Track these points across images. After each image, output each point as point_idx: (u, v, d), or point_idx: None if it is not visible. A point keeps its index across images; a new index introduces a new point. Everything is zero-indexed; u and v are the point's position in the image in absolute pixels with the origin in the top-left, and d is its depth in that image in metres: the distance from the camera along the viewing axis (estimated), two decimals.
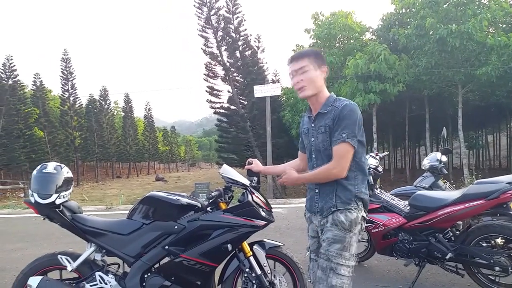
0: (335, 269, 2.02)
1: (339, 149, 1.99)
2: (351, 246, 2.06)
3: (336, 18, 22.76)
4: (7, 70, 37.69)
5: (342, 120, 2.00)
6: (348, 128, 1.99)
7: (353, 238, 2.07)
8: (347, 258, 2.04)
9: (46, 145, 40.94)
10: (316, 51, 2.19)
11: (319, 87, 2.14)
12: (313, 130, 2.17)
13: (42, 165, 2.68)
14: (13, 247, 5.65)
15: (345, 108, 2.02)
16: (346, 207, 2.05)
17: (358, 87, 19.55)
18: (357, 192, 2.07)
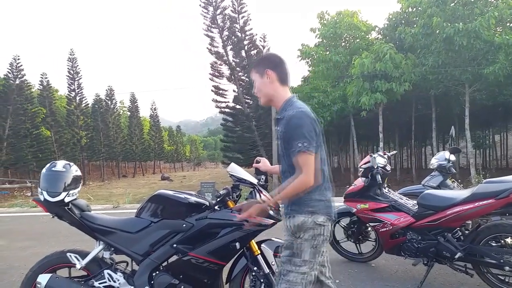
0: (285, 275, 2.02)
1: (299, 160, 1.94)
2: (302, 252, 2.00)
3: (342, 17, 22.71)
4: (15, 70, 38.00)
5: (293, 130, 1.97)
6: (301, 137, 1.94)
7: (303, 244, 2.00)
8: (297, 265, 2.00)
9: (53, 145, 41.22)
10: (258, 59, 2.24)
11: (268, 94, 2.15)
12: (276, 133, 2.21)
13: (51, 163, 2.70)
14: (21, 245, 5.69)
15: (293, 118, 1.99)
16: (296, 213, 2.02)
17: (364, 86, 19.49)
18: (306, 199, 2.01)
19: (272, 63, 2.14)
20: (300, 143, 1.92)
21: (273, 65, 2.13)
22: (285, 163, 2.10)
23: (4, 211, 10.06)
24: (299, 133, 1.94)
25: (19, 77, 38.35)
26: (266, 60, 2.19)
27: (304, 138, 1.93)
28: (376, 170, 3.71)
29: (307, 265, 2.01)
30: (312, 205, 2.01)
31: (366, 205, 3.80)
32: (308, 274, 2.01)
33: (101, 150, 50.29)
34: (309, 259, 2.01)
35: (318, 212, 2.02)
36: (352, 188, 4.02)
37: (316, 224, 2.01)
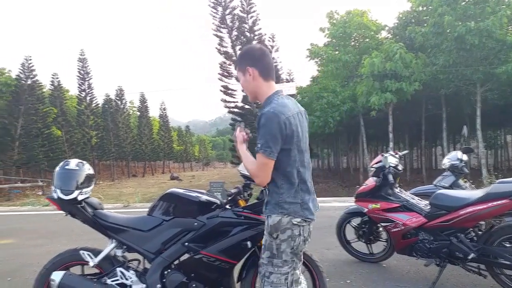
0: (267, 277, 2.01)
1: (257, 159, 1.93)
2: (281, 253, 1.98)
3: (351, 17, 22.62)
4: (26, 70, 38.41)
5: (259, 129, 1.93)
6: (263, 138, 1.89)
7: (282, 244, 1.98)
8: (278, 266, 1.99)
9: (64, 144, 41.63)
10: (239, 56, 2.15)
11: (252, 91, 2.09)
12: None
13: (64, 161, 2.72)
14: (34, 243, 5.76)
15: (262, 117, 1.93)
16: (270, 213, 2.01)
17: (374, 86, 19.39)
18: (280, 201, 1.98)
19: (252, 59, 2.05)
20: (260, 143, 1.90)
21: (253, 61, 2.04)
22: None
23: (17, 209, 10.19)
24: (261, 133, 1.91)
25: (31, 78, 38.75)
26: (246, 56, 2.08)
27: (264, 139, 1.89)
28: (387, 170, 3.69)
29: (288, 265, 2.00)
30: (285, 207, 1.98)
31: (378, 205, 3.77)
32: (290, 274, 2.02)
33: (111, 149, 50.65)
34: (290, 259, 2.00)
35: (292, 214, 1.98)
36: (363, 188, 4.00)
37: (293, 224, 1.98)
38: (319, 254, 4.35)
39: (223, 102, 32.47)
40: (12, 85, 37.73)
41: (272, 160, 1.90)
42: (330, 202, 8.57)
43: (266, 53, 2.09)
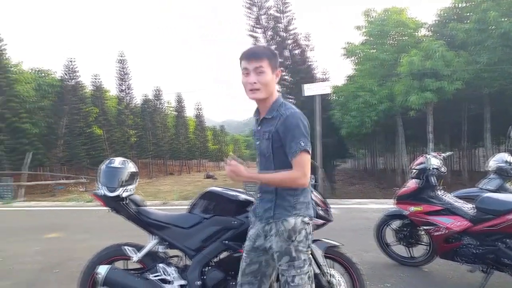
0: (291, 282, 2.02)
1: (301, 159, 1.91)
2: (299, 253, 2.01)
3: (389, 15, 22.10)
4: (70, 71, 40.12)
5: (294, 129, 1.93)
6: (302, 136, 1.93)
7: (299, 246, 2.01)
8: (300, 267, 2.02)
9: (104, 143, 43.19)
10: (274, 52, 2.09)
11: (271, 91, 2.05)
12: (258, 133, 2.10)
13: (109, 160, 2.82)
14: (78, 238, 6.01)
15: (293, 117, 1.97)
16: (283, 217, 2.01)
17: (413, 85, 18.84)
18: (295, 202, 2.02)
19: (278, 64, 2.09)
20: (303, 142, 1.91)
21: (279, 65, 2.10)
22: (269, 164, 2.05)
23: (61, 205, 10.66)
24: (299, 132, 1.93)
25: (74, 79, 40.41)
26: (278, 58, 2.10)
27: (305, 137, 1.93)
28: (430, 172, 3.58)
29: (307, 263, 2.05)
30: (299, 208, 2.03)
31: (419, 207, 3.67)
32: (310, 271, 2.07)
33: (149, 148, 52.03)
34: (307, 258, 2.05)
35: (302, 214, 2.03)
36: (405, 190, 3.90)
37: (304, 223, 2.04)
38: (357, 257, 4.26)
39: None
40: (56, 86, 39.51)
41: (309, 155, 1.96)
42: (367, 204, 8.41)
43: None
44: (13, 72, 35.53)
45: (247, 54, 1.99)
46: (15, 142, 30.27)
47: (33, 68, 40.77)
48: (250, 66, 1.96)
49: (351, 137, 30.18)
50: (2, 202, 12.19)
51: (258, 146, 2.12)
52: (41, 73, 40.61)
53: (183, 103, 64.86)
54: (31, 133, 33.33)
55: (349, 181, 37.80)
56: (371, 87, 22.66)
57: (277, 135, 1.98)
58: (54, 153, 37.21)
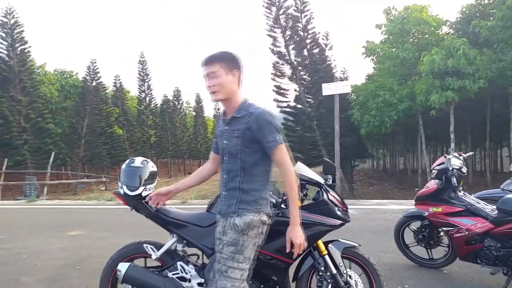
0: (225, 272, 2.09)
1: (279, 154, 2.08)
2: (245, 249, 2.09)
3: (410, 13, 21.76)
4: (91, 72, 40.94)
5: (267, 126, 2.05)
6: (275, 131, 2.06)
7: (248, 241, 2.10)
8: (239, 261, 2.08)
9: (125, 142, 43.91)
10: (229, 55, 2.16)
11: (230, 91, 2.15)
12: (227, 133, 2.17)
13: (130, 159, 2.87)
14: (99, 235, 6.14)
15: (265, 114, 2.07)
16: (246, 212, 2.10)
17: (434, 84, 18.48)
18: (258, 197, 2.13)
19: (239, 65, 2.17)
20: (278, 137, 2.05)
21: (239, 66, 2.18)
22: (236, 162, 2.13)
23: (83, 203, 10.90)
24: (272, 128, 2.05)
25: (96, 79, 41.21)
26: (236, 60, 2.17)
27: (278, 132, 2.07)
28: (451, 172, 3.52)
29: (247, 262, 2.10)
30: (260, 203, 2.14)
31: (439, 208, 3.62)
32: (246, 271, 2.10)
33: (168, 148, 52.64)
34: (249, 256, 2.10)
35: (263, 211, 2.15)
36: (424, 191, 3.85)
37: (261, 222, 2.13)
38: (376, 258, 4.24)
39: (275, 102, 32.52)
40: (79, 86, 40.44)
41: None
42: (386, 205, 8.32)
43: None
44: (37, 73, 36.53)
45: (202, 62, 2.16)
46: (39, 142, 31.08)
47: (56, 70, 41.85)
48: (205, 72, 2.13)
49: (371, 137, 29.85)
50: (27, 200, 12.56)
51: (225, 146, 2.18)
52: (64, 74, 41.62)
53: (201, 103, 65.43)
54: (54, 133, 34.20)
55: (368, 181, 37.39)
56: (391, 86, 22.35)
57: (248, 132, 2.07)
58: (76, 152, 38.09)
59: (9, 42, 32.15)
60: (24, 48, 33.17)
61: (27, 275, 4.24)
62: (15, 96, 30.30)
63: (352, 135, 26.93)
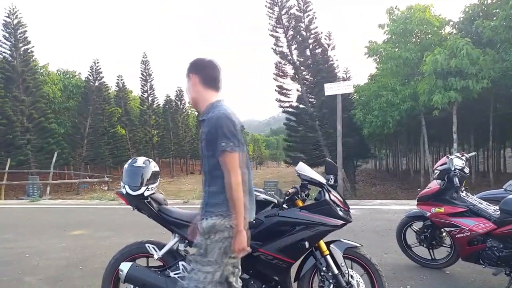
0: (190, 272, 2.15)
1: (224, 160, 2.00)
2: (209, 252, 2.06)
3: (412, 12, 21.68)
4: (94, 72, 41.02)
5: (217, 130, 2.00)
6: (225, 137, 1.98)
7: (212, 245, 2.05)
8: (202, 264, 2.07)
9: (127, 142, 43.98)
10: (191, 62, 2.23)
11: (192, 96, 2.22)
12: (200, 135, 2.18)
13: (132, 159, 2.88)
14: (102, 235, 6.16)
15: (216, 118, 2.03)
16: (209, 215, 2.07)
17: (437, 84, 18.41)
18: (222, 200, 2.06)
19: (197, 67, 2.20)
20: (224, 143, 1.97)
21: (197, 69, 2.20)
22: (206, 165, 2.13)
23: (86, 203, 10.93)
24: (222, 133, 1.99)
25: (98, 79, 41.27)
26: (192, 64, 2.22)
27: (226, 138, 1.98)
28: (453, 172, 3.52)
29: (212, 265, 2.06)
30: (224, 209, 2.06)
31: (442, 209, 3.61)
32: (211, 274, 2.05)
33: (171, 148, 52.68)
34: (214, 260, 2.06)
35: (227, 215, 2.05)
36: (426, 191, 3.84)
37: (226, 227, 2.05)
38: (378, 258, 4.24)
39: (277, 102, 32.52)
40: (81, 86, 40.51)
41: (237, 153, 2.01)
42: (389, 205, 8.31)
43: (212, 65, 2.21)
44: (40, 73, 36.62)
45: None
46: (42, 142, 31.15)
47: (59, 70, 41.95)
48: None
49: (373, 137, 29.80)
50: (30, 199, 12.61)
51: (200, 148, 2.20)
52: (67, 75, 41.72)
53: None
54: (57, 133, 34.27)
55: (370, 181, 37.35)
56: (394, 86, 22.28)
57: (206, 136, 2.07)
58: (79, 152, 38.15)
59: (12, 42, 32.22)
60: (27, 48, 33.23)
61: (30, 274, 4.26)
62: (18, 96, 30.36)
63: (354, 135, 26.89)
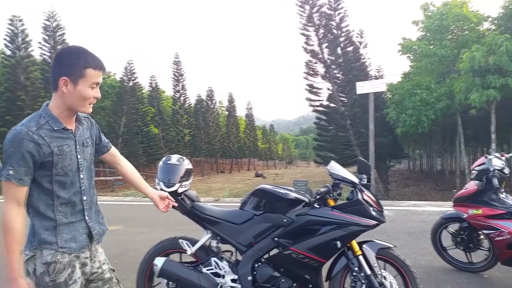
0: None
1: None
2: None
3: (449, 8, 21.05)
4: (128, 73, 42.18)
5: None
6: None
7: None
8: None
9: (160, 141, 45.02)
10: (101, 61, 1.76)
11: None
12: (79, 144, 1.77)
13: (167, 157, 2.95)
14: (135, 231, 6.33)
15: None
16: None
17: (474, 82, 17.79)
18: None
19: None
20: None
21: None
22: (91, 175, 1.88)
23: (120, 199, 11.24)
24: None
25: (132, 80, 42.44)
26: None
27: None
28: (492, 173, 3.39)
29: None
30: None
31: (480, 210, 3.49)
32: None
33: (202, 147, 53.46)
34: None
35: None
36: (463, 192, 3.72)
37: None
38: (411, 260, 4.15)
39: (307, 101, 32.33)
40: (116, 86, 41.74)
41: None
42: (423, 207, 8.09)
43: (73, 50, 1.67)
44: None
45: (99, 65, 1.68)
46: None
47: None
48: (100, 80, 1.69)
49: (407, 137, 29.10)
50: None
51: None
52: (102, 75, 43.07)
53: (234, 103, 66.04)
54: None
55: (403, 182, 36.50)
56: (428, 85, 21.69)
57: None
58: None
59: (52, 44, 33.61)
60: None
61: None
62: None
63: (387, 134, 26.35)
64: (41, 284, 1.64)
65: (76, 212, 1.74)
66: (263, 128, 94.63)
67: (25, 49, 32.69)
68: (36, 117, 1.65)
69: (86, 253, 1.78)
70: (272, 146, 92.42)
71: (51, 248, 1.65)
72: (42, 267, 1.64)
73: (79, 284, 1.72)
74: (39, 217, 1.66)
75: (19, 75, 31.52)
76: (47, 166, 1.62)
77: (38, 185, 1.64)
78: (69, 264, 1.68)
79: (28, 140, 1.56)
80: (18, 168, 1.55)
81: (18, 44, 32.68)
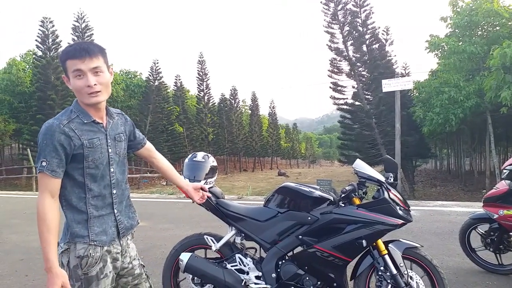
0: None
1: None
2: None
3: (479, 4, 20.37)
4: (154, 72, 42.91)
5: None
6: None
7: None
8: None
9: (185, 140, 45.61)
10: (103, 47, 1.75)
11: (110, 91, 1.78)
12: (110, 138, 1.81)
13: (192, 154, 3.00)
14: (161, 227, 6.45)
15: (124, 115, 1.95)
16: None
17: (505, 79, 17.18)
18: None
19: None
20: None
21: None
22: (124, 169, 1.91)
23: (147, 196, 11.47)
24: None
25: (158, 79, 43.18)
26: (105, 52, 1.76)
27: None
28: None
29: None
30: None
31: (511, 211, 3.39)
32: None
33: (225, 145, 53.86)
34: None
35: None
36: (494, 192, 3.62)
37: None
38: (439, 261, 4.06)
39: (332, 99, 32.05)
40: (142, 86, 42.55)
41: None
42: (451, 207, 7.90)
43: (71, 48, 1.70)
44: None
45: (78, 52, 1.64)
46: None
47: (122, 70, 44.32)
48: (84, 67, 1.63)
49: (434, 136, 28.40)
50: None
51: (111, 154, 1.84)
52: (129, 75, 43.98)
53: (257, 101, 66.16)
54: None
55: (430, 182, 35.67)
56: (457, 82, 21.09)
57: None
58: None
59: None
60: None
61: None
62: None
63: (413, 133, 25.82)
64: (74, 276, 1.70)
65: (106, 205, 1.78)
66: (286, 127, 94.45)
67: (55, 49, 33.70)
68: (68, 111, 1.72)
69: (117, 248, 1.83)
70: (295, 145, 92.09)
71: (84, 241, 1.70)
72: (75, 260, 1.70)
73: (110, 278, 1.78)
74: (71, 210, 1.72)
75: (50, 75, 32.58)
76: (78, 159, 1.68)
77: (71, 178, 1.70)
78: (101, 258, 1.74)
79: (59, 132, 1.62)
80: (50, 160, 1.60)
81: (49, 45, 33.77)
